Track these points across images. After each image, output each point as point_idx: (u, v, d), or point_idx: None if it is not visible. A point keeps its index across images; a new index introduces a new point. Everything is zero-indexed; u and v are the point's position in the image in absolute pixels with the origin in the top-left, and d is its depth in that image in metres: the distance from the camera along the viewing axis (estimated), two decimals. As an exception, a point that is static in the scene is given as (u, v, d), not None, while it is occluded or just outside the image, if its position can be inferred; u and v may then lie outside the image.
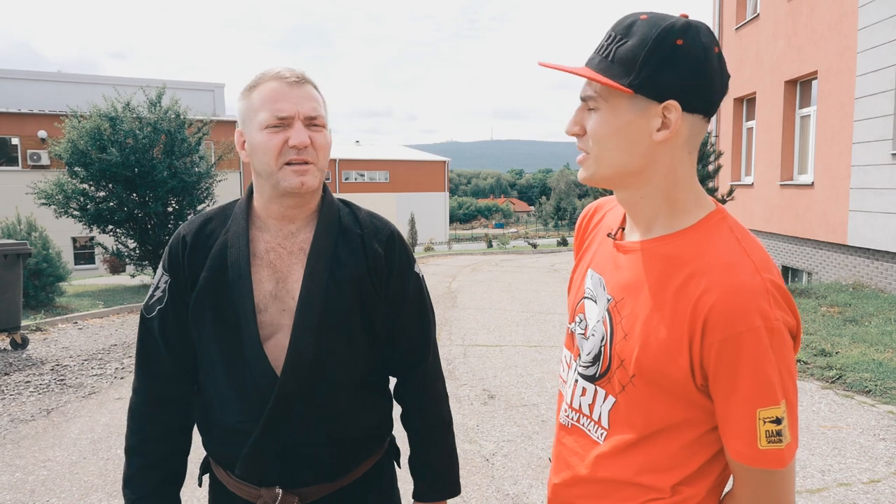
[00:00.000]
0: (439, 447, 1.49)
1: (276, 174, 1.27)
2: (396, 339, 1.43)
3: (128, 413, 1.42)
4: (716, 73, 0.97)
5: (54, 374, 6.33)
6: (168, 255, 1.38)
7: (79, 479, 3.87)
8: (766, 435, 0.93)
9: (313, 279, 1.30)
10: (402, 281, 1.41)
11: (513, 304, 10.07)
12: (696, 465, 1.02)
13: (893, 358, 5.63)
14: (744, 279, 0.93)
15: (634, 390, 1.02)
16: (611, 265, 1.10)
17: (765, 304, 0.91)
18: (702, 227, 1.00)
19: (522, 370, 6.06)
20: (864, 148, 8.77)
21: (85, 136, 11.56)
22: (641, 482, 1.04)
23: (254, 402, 1.30)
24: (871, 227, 8.60)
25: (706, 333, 0.93)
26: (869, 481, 3.52)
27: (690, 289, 0.95)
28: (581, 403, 1.13)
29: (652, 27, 0.95)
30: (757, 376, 0.91)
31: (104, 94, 12.40)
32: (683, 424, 1.01)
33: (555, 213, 66.65)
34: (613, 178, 1.03)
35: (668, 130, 0.96)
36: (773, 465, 0.94)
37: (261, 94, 1.28)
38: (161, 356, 1.37)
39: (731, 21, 13.75)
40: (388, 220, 1.48)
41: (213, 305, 1.31)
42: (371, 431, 1.43)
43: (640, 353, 1.00)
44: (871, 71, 8.55)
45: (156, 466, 1.39)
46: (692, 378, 0.97)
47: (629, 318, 1.03)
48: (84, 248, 23.09)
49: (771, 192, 11.69)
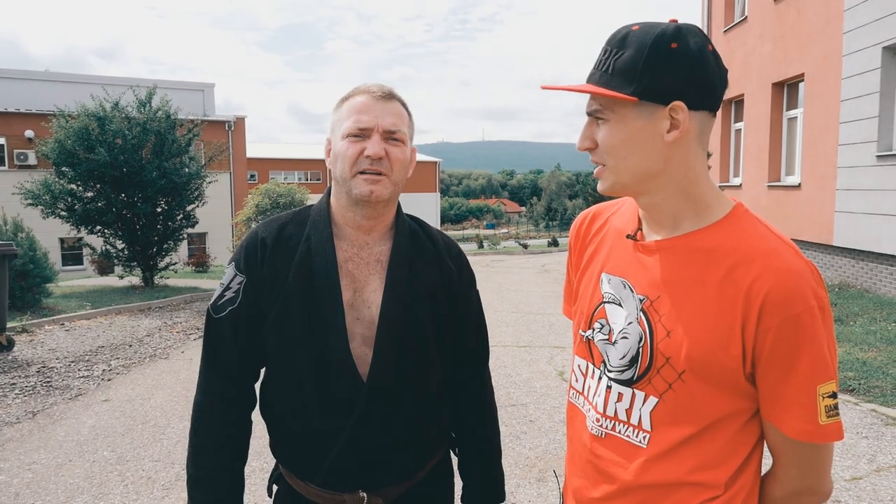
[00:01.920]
0: (493, 456, 1.55)
1: (349, 181, 1.32)
2: (460, 350, 1.49)
3: (194, 412, 1.41)
4: (713, 69, 1.01)
5: (40, 376, 6.29)
6: (245, 255, 1.38)
7: (64, 482, 3.85)
8: (825, 410, 0.97)
9: (394, 290, 1.35)
10: (468, 296, 1.50)
11: (503, 305, 10.09)
12: (742, 455, 1.04)
13: (877, 357, 5.69)
14: (792, 263, 0.97)
15: (683, 387, 1.03)
16: (634, 266, 1.11)
17: (815, 284, 0.97)
18: (733, 220, 1.04)
19: (511, 370, 6.08)
20: (849, 150, 8.86)
21: (73, 136, 11.46)
22: (696, 480, 1.03)
23: (339, 409, 1.33)
24: (857, 227, 8.69)
25: (763, 317, 0.96)
26: (851, 479, 3.56)
27: (738, 277, 0.98)
28: (617, 410, 1.10)
29: (645, 35, 0.99)
30: (815, 354, 0.96)
31: (92, 94, 12.31)
32: (729, 416, 1.03)
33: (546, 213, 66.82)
34: (633, 184, 1.05)
35: (678, 130, 1.00)
36: (833, 438, 0.98)
37: (349, 105, 1.35)
38: (230, 356, 1.38)
39: (719, 23, 13.85)
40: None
41: (301, 310, 1.33)
42: (442, 431, 1.50)
43: (690, 348, 1.01)
44: (857, 74, 8.64)
45: (225, 470, 1.39)
46: (742, 366, 1.00)
47: (669, 316, 1.04)
48: (71, 248, 22.90)
49: (759, 193, 11.78)
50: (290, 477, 1.42)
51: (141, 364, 6.83)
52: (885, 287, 8.20)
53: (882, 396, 4.81)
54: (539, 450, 4.11)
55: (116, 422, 4.93)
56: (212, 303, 1.40)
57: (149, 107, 12.35)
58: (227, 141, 24.91)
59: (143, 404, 5.38)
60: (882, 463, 3.75)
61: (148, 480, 3.84)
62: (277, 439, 1.42)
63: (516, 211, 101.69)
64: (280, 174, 40.56)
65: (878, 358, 5.67)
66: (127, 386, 5.98)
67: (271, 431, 1.43)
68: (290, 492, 1.42)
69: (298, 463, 1.39)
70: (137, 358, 7.08)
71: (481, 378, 1.55)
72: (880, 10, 8.12)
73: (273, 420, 1.42)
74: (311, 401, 1.34)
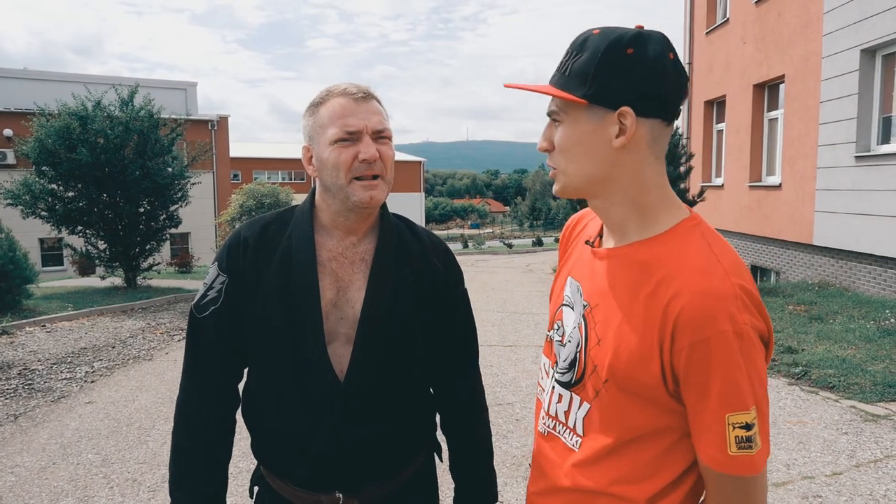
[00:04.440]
0: (484, 456, 1.54)
1: (345, 188, 1.30)
2: (446, 350, 1.48)
3: (177, 412, 1.41)
4: (670, 78, 0.98)
5: (22, 378, 6.21)
6: (227, 255, 1.37)
7: (48, 485, 3.81)
8: (735, 440, 0.92)
9: (377, 290, 1.34)
10: (455, 295, 1.49)
11: (488, 305, 10.12)
12: (670, 475, 1.01)
13: (856, 354, 5.80)
14: (713, 283, 0.93)
15: (607, 396, 1.03)
16: (588, 272, 1.12)
17: (733, 309, 0.92)
18: (674, 234, 1.02)
19: (497, 370, 6.10)
20: (828, 150, 9.00)
21: (53, 135, 11.31)
22: (615, 492, 1.03)
23: (317, 408, 1.32)
24: (836, 227, 8.83)
25: (676, 338, 0.94)
26: (832, 474, 3.63)
27: (661, 294, 0.96)
28: (557, 411, 1.13)
29: (603, 40, 0.98)
30: (726, 381, 0.91)
31: (73, 93, 12.16)
32: (658, 432, 1.01)
33: (530, 213, 67.00)
34: (583, 187, 1.05)
35: (625, 136, 0.99)
36: (743, 472, 0.94)
37: (328, 110, 1.31)
38: (212, 356, 1.38)
39: (701, 25, 13.99)
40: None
41: (280, 310, 1.32)
42: (423, 432, 1.48)
43: (613, 359, 1.01)
44: (836, 76, 8.78)
45: (207, 470, 1.40)
46: (664, 383, 0.97)
47: (602, 324, 1.04)
48: (52, 249, 22.59)
49: (740, 193, 11.93)
50: (269, 476, 1.42)
51: (124, 366, 6.77)
52: (863, 286, 8.34)
53: (861, 393, 4.90)
54: (525, 448, 4.13)
55: (100, 424, 4.89)
56: (194, 303, 1.39)
57: (131, 106, 12.22)
58: (210, 140, 24.71)
59: (128, 406, 5.34)
60: (861, 458, 3.82)
61: (133, 483, 3.82)
62: (257, 438, 1.42)
63: (501, 211, 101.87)
64: (264, 174, 40.32)
65: (857, 355, 5.77)
66: (111, 388, 5.92)
67: (251, 430, 1.43)
68: (270, 492, 1.42)
69: (277, 462, 1.39)
70: (121, 359, 7.01)
71: (470, 377, 1.54)
72: (859, 13, 8.26)
73: (252, 418, 1.42)
74: (290, 400, 1.34)
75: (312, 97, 1.37)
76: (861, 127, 8.35)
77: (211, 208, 24.56)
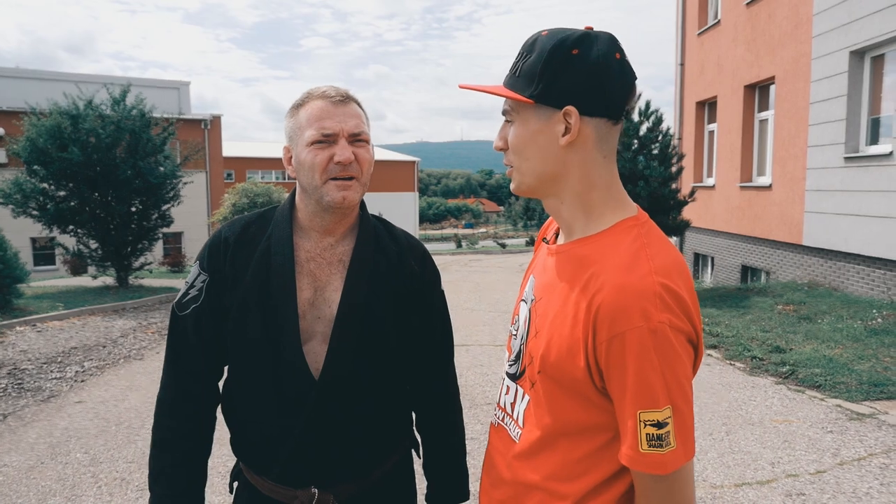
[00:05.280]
0: (456, 454, 1.57)
1: (320, 189, 1.32)
2: (423, 350, 1.51)
3: (156, 408, 1.44)
4: (615, 78, 1.00)
5: (11, 377, 6.19)
6: (208, 254, 1.40)
7: (36, 485, 3.81)
8: (646, 438, 0.92)
9: (353, 290, 1.36)
10: (432, 296, 1.51)
11: (480, 304, 10.14)
12: (602, 474, 1.02)
13: (843, 353, 5.84)
14: (632, 280, 0.94)
15: (541, 387, 1.05)
16: (541, 268, 1.15)
17: (649, 305, 0.92)
18: (612, 231, 1.04)
19: (488, 369, 6.12)
20: (818, 151, 9.06)
21: (45, 134, 11.27)
22: (548, 487, 1.04)
23: (292, 405, 1.34)
24: (825, 227, 8.89)
25: (597, 332, 0.95)
26: (816, 472, 3.67)
27: (589, 288, 0.98)
28: (506, 402, 1.16)
29: (550, 40, 1.01)
30: (638, 377, 0.92)
31: (65, 92, 12.12)
32: (590, 429, 1.02)
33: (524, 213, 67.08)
34: (536, 186, 1.08)
35: (570, 135, 1.01)
36: (653, 470, 0.93)
37: (307, 112, 1.33)
38: (193, 353, 1.40)
39: (693, 26, 14.05)
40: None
41: (257, 309, 1.35)
42: (399, 429, 1.50)
43: (545, 350, 1.03)
44: (826, 77, 8.84)
45: (185, 464, 1.41)
46: (591, 378, 0.98)
47: (542, 317, 1.07)
48: (44, 248, 22.49)
49: (731, 193, 11.99)
50: (247, 472, 1.44)
51: (115, 365, 6.75)
52: (852, 286, 8.41)
53: (847, 392, 4.95)
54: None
55: (90, 423, 4.88)
56: (176, 301, 1.42)
57: (123, 105, 12.18)
58: (203, 140, 24.65)
59: (117, 405, 5.33)
60: (846, 457, 3.86)
61: (122, 482, 3.82)
62: (235, 434, 1.44)
63: (495, 210, 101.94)
64: (257, 173, 40.19)
65: (844, 355, 5.82)
66: (101, 387, 5.91)
67: (230, 426, 1.45)
68: (249, 487, 1.44)
69: (254, 458, 1.41)
70: (111, 359, 7.00)
71: (445, 377, 1.57)
72: (848, 15, 8.32)
73: (231, 415, 1.44)
74: (267, 397, 1.36)
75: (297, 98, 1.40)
76: (850, 128, 8.41)
77: (204, 208, 24.50)
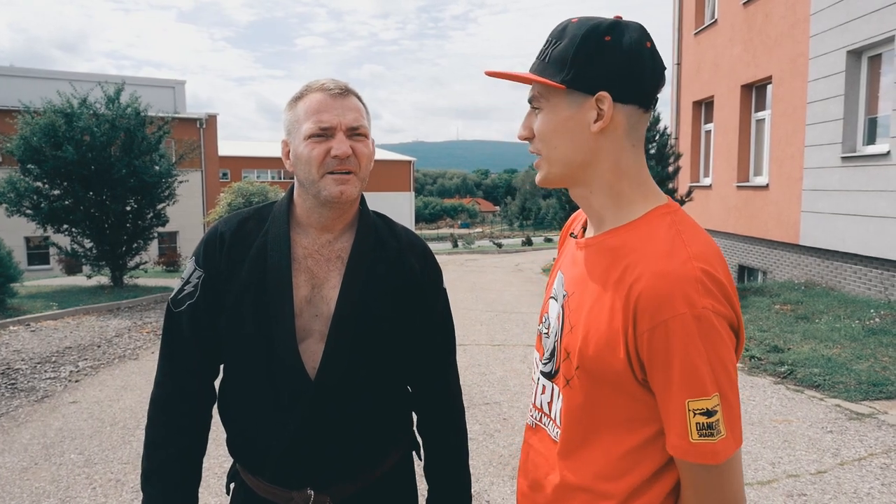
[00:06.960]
0: (459, 457, 1.52)
1: (317, 183, 1.29)
2: (424, 350, 1.47)
3: (150, 406, 1.41)
4: (646, 65, 0.99)
5: (5, 378, 6.14)
6: (204, 250, 1.37)
7: (30, 486, 3.76)
8: (696, 427, 0.90)
9: (351, 288, 1.33)
10: (433, 295, 1.47)
11: (477, 304, 10.12)
12: (647, 471, 0.99)
13: (841, 353, 5.84)
14: (672, 266, 0.92)
15: (578, 383, 1.02)
16: (570, 263, 1.13)
17: (691, 291, 0.90)
18: (645, 220, 1.02)
19: (485, 369, 6.10)
20: (815, 151, 9.07)
21: (39, 133, 11.19)
22: (594, 488, 1.02)
23: (288, 404, 1.31)
24: (822, 227, 8.90)
25: (637, 322, 0.93)
26: (816, 472, 3.65)
27: (626, 278, 0.96)
28: (542, 402, 1.14)
29: (581, 27, 1.00)
30: (685, 366, 0.90)
31: (59, 90, 12.04)
32: (631, 424, 0.99)
33: (520, 213, 67.15)
34: (565, 175, 1.06)
35: (602, 121, 0.99)
36: (705, 460, 0.91)
37: (305, 105, 1.31)
38: (188, 350, 1.37)
39: (690, 26, 14.05)
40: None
41: (253, 306, 1.32)
42: (397, 430, 1.46)
43: (582, 345, 1.00)
44: (823, 77, 8.85)
45: (178, 462, 1.38)
46: (632, 371, 0.96)
47: (576, 311, 1.04)
48: (38, 247, 22.36)
49: (728, 193, 11.99)
50: (243, 473, 1.41)
51: (110, 365, 6.70)
52: (849, 285, 8.41)
53: (846, 392, 4.94)
54: (513, 448, 4.13)
55: (84, 424, 4.84)
56: (172, 297, 1.39)
57: (117, 103, 12.12)
58: (198, 139, 24.55)
59: (112, 406, 5.28)
60: (846, 457, 3.84)
61: (116, 483, 3.78)
62: (231, 434, 1.42)
63: (491, 210, 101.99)
64: (253, 172, 40.11)
65: (843, 354, 5.81)
66: (95, 387, 5.86)
67: (226, 426, 1.42)
68: (245, 488, 1.41)
69: (250, 459, 1.38)
70: (106, 359, 6.95)
71: (447, 377, 1.52)
72: (845, 15, 8.32)
73: (226, 413, 1.41)
74: (262, 396, 1.33)
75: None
76: (847, 128, 8.41)
77: (199, 207, 24.41)
